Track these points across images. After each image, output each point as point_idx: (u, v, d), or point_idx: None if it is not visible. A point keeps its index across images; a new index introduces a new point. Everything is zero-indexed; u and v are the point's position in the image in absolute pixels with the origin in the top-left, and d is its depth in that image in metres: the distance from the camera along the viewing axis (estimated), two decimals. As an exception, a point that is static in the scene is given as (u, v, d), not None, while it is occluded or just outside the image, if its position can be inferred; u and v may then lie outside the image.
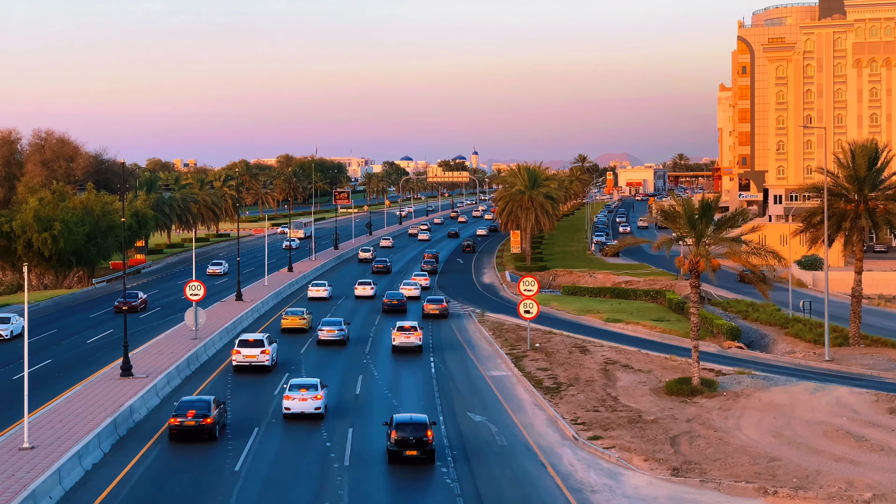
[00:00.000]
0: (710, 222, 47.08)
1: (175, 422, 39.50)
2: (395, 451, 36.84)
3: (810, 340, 64.29)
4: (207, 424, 39.56)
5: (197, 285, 63.06)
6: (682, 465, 36.36)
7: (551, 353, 60.11)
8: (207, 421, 39.57)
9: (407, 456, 36.75)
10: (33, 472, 32.66)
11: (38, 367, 56.27)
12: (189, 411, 39.62)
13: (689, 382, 47.52)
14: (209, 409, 39.95)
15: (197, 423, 39.39)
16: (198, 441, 39.59)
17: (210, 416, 39.69)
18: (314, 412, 43.52)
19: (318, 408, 43.57)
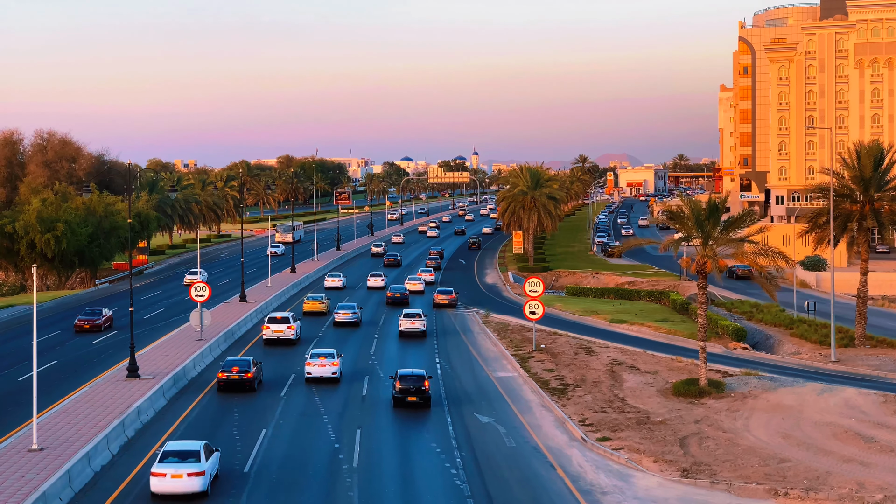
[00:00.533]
0: (718, 223, 47.01)
1: (223, 375, 48.71)
2: (399, 397, 45.38)
3: (816, 341, 64.25)
4: (248, 378, 48.66)
5: (202, 286, 63.00)
6: (691, 467, 36.31)
7: (557, 354, 60.06)
8: (248, 375, 48.69)
9: (408, 401, 45.32)
10: (43, 473, 32.59)
11: (43, 368, 56.11)
12: (234, 367, 48.76)
13: (697, 383, 47.47)
14: (250, 367, 49.03)
15: (240, 376, 48.41)
16: (241, 391, 48.70)
17: (251, 372, 48.76)
18: (331, 376, 51.62)
19: (335, 373, 51.70)
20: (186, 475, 32.02)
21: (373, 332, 70.17)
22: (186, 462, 32.54)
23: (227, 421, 43.68)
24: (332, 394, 49.45)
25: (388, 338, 67.52)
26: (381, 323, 74.45)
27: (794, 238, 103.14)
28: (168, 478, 32.09)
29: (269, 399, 47.73)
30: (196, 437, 38.56)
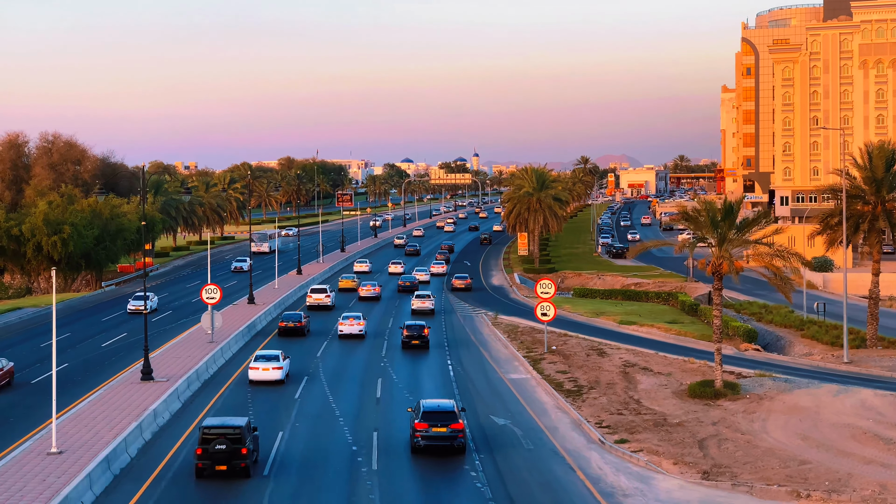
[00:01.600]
0: (734, 224, 46.91)
1: (282, 325, 67.74)
2: (406, 341, 62.96)
3: (827, 342, 64.17)
4: (301, 326, 67.60)
5: (213, 288, 62.86)
6: (712, 469, 36.21)
7: (568, 355, 59.96)
8: (300, 324, 67.63)
9: (412, 344, 62.94)
10: (64, 477, 32.50)
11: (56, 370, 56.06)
12: (290, 321, 67.98)
13: (712, 385, 47.37)
14: (301, 318, 68.45)
15: (294, 325, 67.57)
16: (295, 336, 67.46)
17: (302, 321, 67.94)
18: (358, 333, 67.00)
19: (361, 331, 67.25)
20: (272, 368, 51.39)
21: (391, 306, 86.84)
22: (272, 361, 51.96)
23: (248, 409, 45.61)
24: (360, 344, 65.89)
25: (403, 312, 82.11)
26: (399, 301, 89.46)
27: (799, 239, 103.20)
28: (260, 370, 51.51)
29: (317, 342, 65.91)
30: None
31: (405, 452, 38.69)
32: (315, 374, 54.78)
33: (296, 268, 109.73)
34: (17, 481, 32.12)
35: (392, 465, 37.36)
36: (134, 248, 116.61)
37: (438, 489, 34.82)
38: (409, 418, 41.23)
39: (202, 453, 34.77)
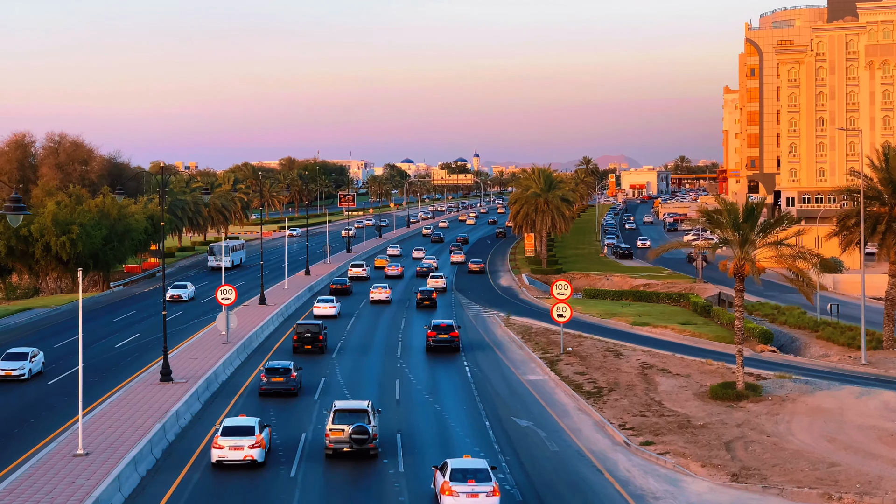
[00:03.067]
0: (755, 226, 46.74)
1: (333, 287, 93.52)
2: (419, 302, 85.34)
3: (843, 344, 64.03)
4: (346, 288, 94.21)
5: (228, 289, 62.69)
6: (740, 471, 36.05)
7: (585, 357, 59.78)
8: (346, 286, 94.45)
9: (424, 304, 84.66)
10: (93, 479, 32.33)
11: (70, 371, 55.97)
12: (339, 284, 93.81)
13: (734, 387, 47.20)
14: (347, 282, 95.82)
15: (342, 287, 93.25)
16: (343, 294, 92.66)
17: (347, 284, 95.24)
18: (386, 299, 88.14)
19: (388, 298, 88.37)
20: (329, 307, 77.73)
21: (414, 283, 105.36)
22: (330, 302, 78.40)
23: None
24: (387, 309, 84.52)
25: (421, 287, 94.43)
26: (418, 281, 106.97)
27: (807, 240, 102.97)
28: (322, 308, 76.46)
29: (358, 300, 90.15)
30: None
31: (421, 351, 63.21)
32: (360, 315, 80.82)
33: (303, 268, 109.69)
34: (46, 483, 31.96)
35: (412, 356, 61.97)
36: (141, 249, 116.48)
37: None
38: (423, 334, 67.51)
39: (298, 338, 61.04)
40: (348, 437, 37.54)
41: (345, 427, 37.70)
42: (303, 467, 37.04)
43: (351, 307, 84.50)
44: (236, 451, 36.00)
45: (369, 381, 53.47)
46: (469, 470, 32.14)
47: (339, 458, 37.76)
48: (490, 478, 32.06)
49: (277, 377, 48.40)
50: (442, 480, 32.14)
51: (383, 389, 51.25)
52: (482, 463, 33.05)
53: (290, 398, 48.48)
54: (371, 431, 37.68)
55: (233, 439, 36.14)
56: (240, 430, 36.48)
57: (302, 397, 48.89)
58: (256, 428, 36.80)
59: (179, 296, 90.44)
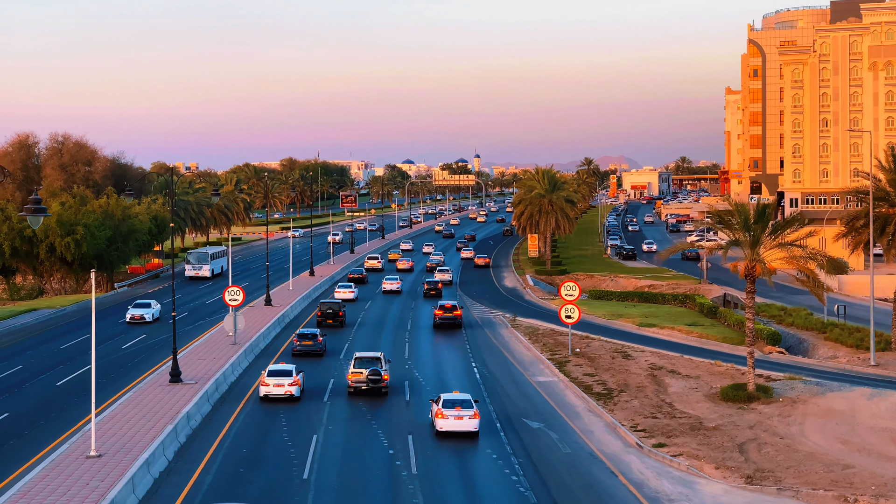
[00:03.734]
0: (767, 227, 46.63)
1: (351, 276, 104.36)
2: (426, 291, 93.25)
3: (851, 345, 63.94)
4: (363, 277, 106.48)
5: (236, 290, 62.51)
6: (755, 473, 35.95)
7: (594, 358, 59.68)
8: (363, 276, 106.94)
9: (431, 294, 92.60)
10: (107, 480, 32.20)
11: (78, 373, 55.93)
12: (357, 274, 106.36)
13: (745, 388, 47.10)
14: (364, 272, 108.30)
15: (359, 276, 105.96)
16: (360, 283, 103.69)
17: (364, 274, 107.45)
18: (397, 290, 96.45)
19: (399, 289, 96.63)
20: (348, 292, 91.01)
21: (422, 276, 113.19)
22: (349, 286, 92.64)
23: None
24: (398, 298, 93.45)
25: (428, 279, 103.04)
26: (425, 273, 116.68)
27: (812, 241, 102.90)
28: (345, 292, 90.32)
29: (374, 287, 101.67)
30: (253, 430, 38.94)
31: (428, 329, 73.50)
32: (375, 300, 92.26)
33: (307, 269, 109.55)
34: (61, 485, 31.85)
35: (419, 332, 72.33)
36: (145, 249, 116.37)
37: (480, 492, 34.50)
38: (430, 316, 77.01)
39: (321, 314, 72.93)
40: (366, 378, 48.20)
41: (363, 370, 48.40)
42: (330, 400, 48.23)
43: (367, 293, 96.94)
44: (279, 387, 46.79)
45: (383, 347, 62.92)
46: (457, 400, 41.62)
47: (358, 394, 48.86)
48: (472, 406, 41.42)
49: (307, 341, 60.22)
50: (436, 409, 41.55)
51: (395, 352, 62.06)
52: (467, 395, 42.57)
53: (317, 357, 59.92)
54: (383, 374, 48.07)
55: (276, 379, 47.01)
56: (281, 373, 47.46)
57: (327, 357, 60.33)
58: (293, 371, 47.83)
59: (141, 317, 74.57)
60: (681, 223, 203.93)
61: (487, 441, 41.09)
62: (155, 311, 76.76)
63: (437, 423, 40.74)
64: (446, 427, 40.66)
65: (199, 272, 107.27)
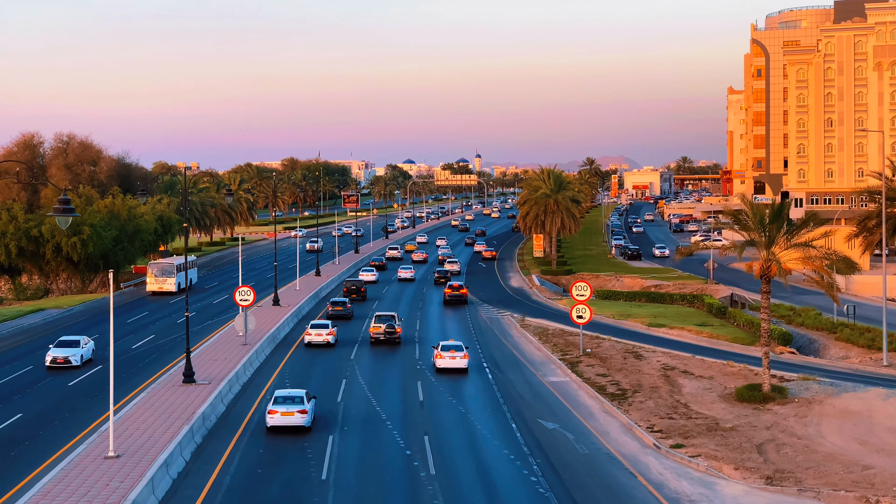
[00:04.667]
0: (782, 227, 46.49)
1: (372, 263, 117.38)
2: (437, 279, 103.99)
3: (863, 345, 63.78)
4: (383, 265, 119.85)
5: (247, 290, 62.34)
6: (774, 474, 35.83)
7: (605, 358, 59.56)
8: (382, 264, 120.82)
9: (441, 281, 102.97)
10: (127, 481, 32.08)
11: (89, 373, 55.87)
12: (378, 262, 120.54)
13: (760, 389, 46.98)
14: (384, 260, 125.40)
15: (379, 264, 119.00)
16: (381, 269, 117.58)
17: (384, 262, 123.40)
18: (411, 277, 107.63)
19: (413, 277, 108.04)
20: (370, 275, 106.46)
21: (434, 267, 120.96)
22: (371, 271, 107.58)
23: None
24: (411, 284, 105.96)
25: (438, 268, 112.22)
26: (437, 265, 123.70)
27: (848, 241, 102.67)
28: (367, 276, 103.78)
29: (392, 273, 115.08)
30: None
31: (438, 304, 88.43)
32: (393, 283, 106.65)
33: (313, 269, 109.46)
34: (81, 485, 31.74)
35: (430, 307, 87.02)
36: (150, 249, 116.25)
37: (501, 494, 34.37)
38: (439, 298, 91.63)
39: (346, 290, 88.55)
40: (383, 331, 64.97)
41: (381, 325, 65.32)
42: (358, 346, 65.17)
43: (387, 277, 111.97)
44: (319, 337, 63.58)
45: (400, 315, 76.53)
46: (451, 345, 56.61)
47: (378, 343, 65.60)
48: (462, 349, 56.37)
49: (338, 307, 76.63)
50: (435, 352, 56.56)
51: (409, 320, 77.46)
52: (459, 342, 57.91)
53: (346, 320, 75.86)
54: (396, 328, 65.22)
55: (316, 331, 63.90)
56: (321, 326, 64.32)
57: (354, 321, 76.37)
58: (330, 325, 64.52)
59: (66, 359, 56.88)
60: (684, 223, 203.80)
61: (502, 442, 40.94)
62: (85, 351, 58.33)
63: (437, 362, 55.76)
64: (443, 364, 55.46)
65: (162, 285, 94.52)
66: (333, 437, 41.23)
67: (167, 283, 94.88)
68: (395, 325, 64.76)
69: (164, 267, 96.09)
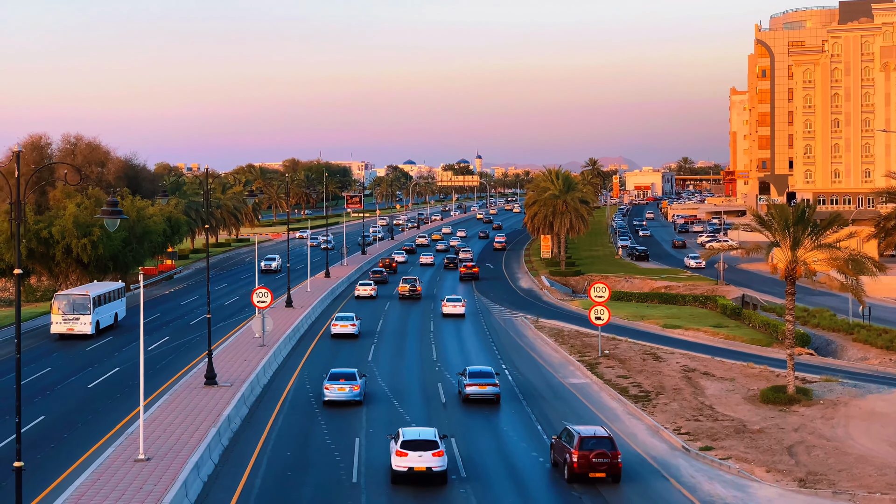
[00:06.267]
0: (807, 228, 46.31)
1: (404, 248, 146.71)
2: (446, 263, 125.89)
3: (881, 347, 63.63)
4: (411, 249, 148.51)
5: (264, 292, 62.12)
6: (807, 477, 35.65)
7: (624, 360, 59.37)
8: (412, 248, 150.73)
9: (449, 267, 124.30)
10: (160, 485, 31.88)
11: (107, 375, 55.77)
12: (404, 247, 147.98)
13: (785, 391, 46.81)
14: (413, 245, 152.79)
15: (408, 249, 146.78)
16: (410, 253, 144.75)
17: (413, 246, 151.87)
18: (430, 263, 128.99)
19: (432, 262, 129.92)
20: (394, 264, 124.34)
21: (444, 261, 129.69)
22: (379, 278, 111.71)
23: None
24: (431, 268, 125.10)
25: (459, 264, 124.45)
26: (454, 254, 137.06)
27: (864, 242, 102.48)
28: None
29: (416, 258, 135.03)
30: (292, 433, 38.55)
31: (454, 279, 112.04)
32: (416, 265, 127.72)
33: (323, 270, 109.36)
34: (114, 489, 31.53)
35: (445, 281, 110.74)
36: (159, 250, 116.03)
37: (536, 498, 34.19)
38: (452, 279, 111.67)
39: (383, 264, 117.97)
40: (408, 290, 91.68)
41: (407, 285, 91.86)
42: (391, 299, 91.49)
43: (412, 260, 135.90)
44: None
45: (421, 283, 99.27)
46: (454, 298, 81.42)
47: (404, 298, 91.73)
48: (461, 300, 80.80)
49: (377, 274, 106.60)
50: (443, 303, 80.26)
51: (428, 288, 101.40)
52: (460, 297, 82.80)
53: (384, 284, 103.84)
54: (417, 287, 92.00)
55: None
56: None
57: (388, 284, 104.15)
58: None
59: None
60: (689, 224, 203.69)
61: (530, 444, 40.78)
62: None
63: (443, 309, 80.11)
64: (447, 311, 79.37)
65: (72, 326, 68.54)
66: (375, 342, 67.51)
67: (80, 323, 68.61)
68: (417, 285, 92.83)
69: (76, 300, 69.44)
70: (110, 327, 73.73)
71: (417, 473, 34.30)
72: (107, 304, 74.04)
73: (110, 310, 74.75)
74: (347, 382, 47.35)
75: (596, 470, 34.82)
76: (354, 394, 47.11)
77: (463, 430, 43.07)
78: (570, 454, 35.13)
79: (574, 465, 34.78)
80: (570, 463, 34.96)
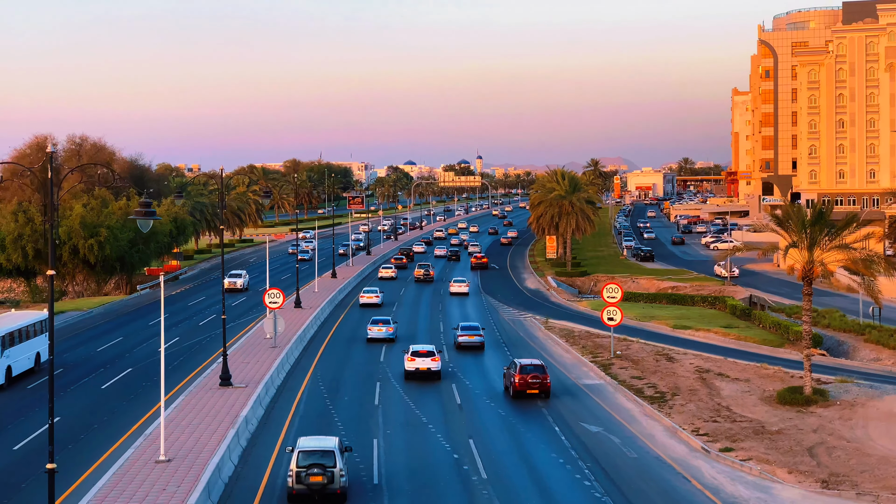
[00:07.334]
0: (825, 228, 46.20)
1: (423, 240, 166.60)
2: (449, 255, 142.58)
3: (894, 347, 63.50)
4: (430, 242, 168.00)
5: (276, 293, 62.06)
6: (829, 478, 35.52)
7: (637, 361, 59.25)
8: (429, 241, 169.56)
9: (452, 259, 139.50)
10: (183, 486, 31.75)
11: (120, 376, 55.67)
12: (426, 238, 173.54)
13: (802, 392, 46.68)
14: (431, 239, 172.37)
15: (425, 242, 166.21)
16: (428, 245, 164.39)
17: (431, 239, 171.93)
18: (445, 254, 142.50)
19: (445, 253, 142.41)
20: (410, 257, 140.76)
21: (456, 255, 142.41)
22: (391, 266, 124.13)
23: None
24: (445, 260, 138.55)
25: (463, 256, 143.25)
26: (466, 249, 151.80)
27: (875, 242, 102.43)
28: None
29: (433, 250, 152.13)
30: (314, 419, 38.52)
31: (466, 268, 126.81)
32: (431, 255, 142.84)
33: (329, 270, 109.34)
34: (138, 490, 31.41)
35: (455, 270, 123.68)
36: (165, 251, 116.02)
37: (559, 501, 34.09)
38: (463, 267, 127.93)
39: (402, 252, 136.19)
40: (422, 274, 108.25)
41: (421, 270, 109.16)
42: (408, 282, 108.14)
43: (430, 250, 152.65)
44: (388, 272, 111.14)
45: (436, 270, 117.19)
46: (459, 279, 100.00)
47: (419, 281, 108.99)
48: (466, 281, 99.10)
49: (397, 260, 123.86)
50: (450, 283, 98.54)
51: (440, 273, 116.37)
52: (465, 278, 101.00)
53: (404, 269, 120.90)
54: (430, 272, 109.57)
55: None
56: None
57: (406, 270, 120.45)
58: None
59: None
60: (692, 224, 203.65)
61: (548, 446, 40.64)
62: None
63: (450, 288, 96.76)
64: (454, 290, 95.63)
65: None
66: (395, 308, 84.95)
67: None
68: (430, 271, 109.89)
69: None
70: (28, 372, 54.65)
71: (422, 372, 52.62)
72: (21, 345, 54.01)
73: (29, 349, 54.95)
74: (385, 325, 65.91)
75: (531, 387, 47.28)
76: (390, 333, 65.52)
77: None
78: (513, 378, 47.56)
79: (516, 384, 47.35)
80: (514, 384, 47.41)
